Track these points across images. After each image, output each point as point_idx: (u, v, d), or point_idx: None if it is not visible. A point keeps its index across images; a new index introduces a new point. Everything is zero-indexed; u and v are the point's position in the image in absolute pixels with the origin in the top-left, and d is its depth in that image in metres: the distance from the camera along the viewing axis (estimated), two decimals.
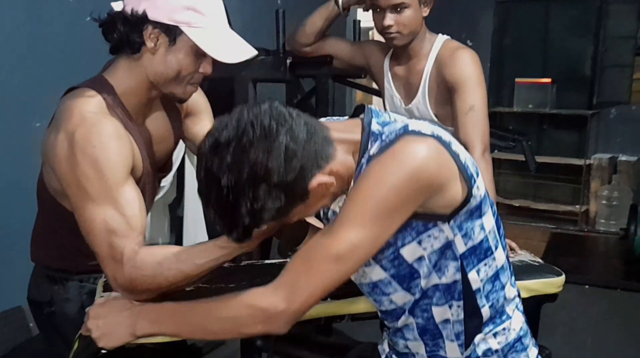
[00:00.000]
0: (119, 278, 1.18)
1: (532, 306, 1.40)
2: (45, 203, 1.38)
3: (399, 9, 1.82)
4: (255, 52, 1.27)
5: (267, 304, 1.02)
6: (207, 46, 1.21)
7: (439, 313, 1.11)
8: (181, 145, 1.71)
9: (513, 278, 1.18)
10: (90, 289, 1.40)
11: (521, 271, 1.46)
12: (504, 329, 1.14)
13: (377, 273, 1.10)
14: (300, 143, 0.97)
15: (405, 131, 1.02)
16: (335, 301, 1.32)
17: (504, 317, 1.14)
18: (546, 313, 1.49)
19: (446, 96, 1.86)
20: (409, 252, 1.06)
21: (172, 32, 1.22)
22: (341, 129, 1.08)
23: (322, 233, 1.04)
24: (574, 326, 3.12)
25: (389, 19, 1.83)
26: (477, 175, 1.05)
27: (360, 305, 1.33)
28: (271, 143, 0.95)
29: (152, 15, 1.20)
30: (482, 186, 1.06)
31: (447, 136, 1.05)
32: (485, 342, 1.13)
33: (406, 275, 1.09)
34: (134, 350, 1.15)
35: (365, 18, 2.30)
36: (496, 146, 4.27)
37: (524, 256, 1.59)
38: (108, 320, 1.13)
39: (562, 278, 1.47)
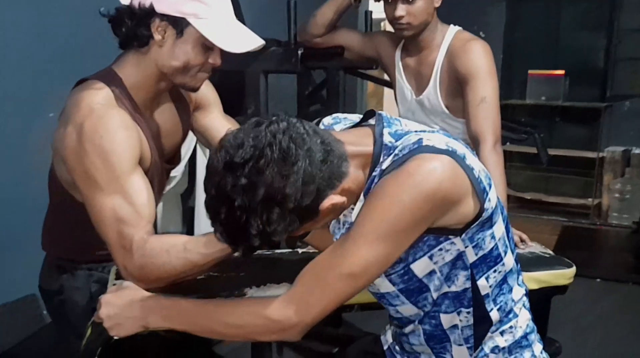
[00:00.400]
0: (128, 266, 1.19)
1: (542, 298, 1.40)
2: (56, 194, 1.40)
3: (410, 0, 1.81)
4: (262, 42, 1.27)
5: (281, 317, 1.03)
6: (214, 37, 1.22)
7: (447, 320, 1.11)
8: (192, 136, 1.72)
9: (520, 277, 1.19)
10: (99, 277, 1.42)
11: (531, 263, 1.46)
12: (511, 327, 1.14)
13: (385, 286, 1.11)
14: (317, 166, 0.96)
15: (419, 147, 1.00)
16: None
17: (510, 315, 1.14)
18: (557, 306, 1.49)
19: (457, 87, 1.86)
20: (420, 267, 1.06)
21: (179, 24, 1.22)
22: (353, 141, 1.06)
23: (334, 248, 1.03)
24: (584, 320, 3.11)
25: (400, 9, 1.82)
26: (490, 187, 1.05)
27: (369, 295, 1.33)
28: (290, 168, 0.93)
29: (158, 8, 1.21)
30: (494, 197, 1.06)
31: (461, 148, 1.04)
32: (492, 340, 1.13)
33: (415, 290, 1.09)
34: (145, 337, 1.16)
35: (377, 9, 2.29)
36: (508, 138, 4.25)
37: (535, 248, 1.59)
38: (120, 311, 1.14)
39: (573, 269, 1.47)
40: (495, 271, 1.09)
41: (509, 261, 1.12)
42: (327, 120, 1.23)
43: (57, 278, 1.46)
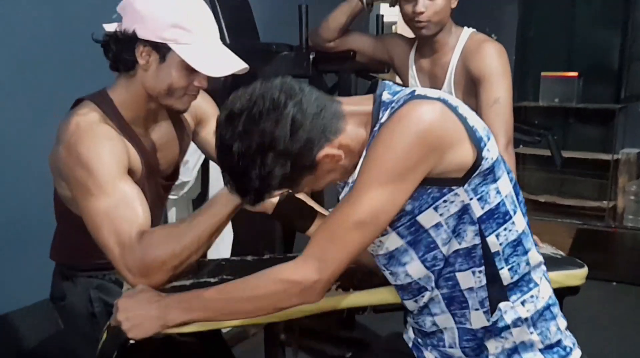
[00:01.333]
0: (129, 262, 1.21)
1: None
2: (57, 208, 1.47)
3: None
4: (244, 66, 1.33)
5: (300, 277, 1.07)
6: (194, 61, 1.27)
7: (464, 279, 1.12)
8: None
9: (537, 247, 1.19)
10: (99, 284, 1.47)
11: None
12: (531, 297, 1.14)
13: (394, 241, 1.13)
14: (309, 116, 1.04)
15: (412, 96, 1.06)
16: (357, 292, 1.33)
17: (531, 285, 1.14)
18: (573, 309, 1.48)
19: (472, 88, 1.86)
20: (426, 219, 1.08)
21: (161, 50, 1.28)
22: (354, 102, 1.14)
23: (341, 203, 1.08)
24: (600, 322, 3.09)
25: (422, 5, 1.83)
26: (489, 139, 1.08)
27: (383, 296, 1.33)
28: (279, 114, 1.02)
29: (141, 34, 1.27)
30: (495, 150, 1.08)
31: (454, 100, 1.08)
32: (513, 310, 1.13)
33: (423, 243, 1.11)
34: (161, 340, 1.17)
35: (388, 12, 2.30)
36: (521, 140, 4.23)
37: (546, 249, 1.58)
38: (138, 312, 1.15)
39: (585, 270, 1.46)
40: (505, 229, 1.10)
41: (520, 221, 1.12)
42: None
43: (60, 285, 1.52)
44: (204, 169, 2.69)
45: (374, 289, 1.33)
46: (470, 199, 1.06)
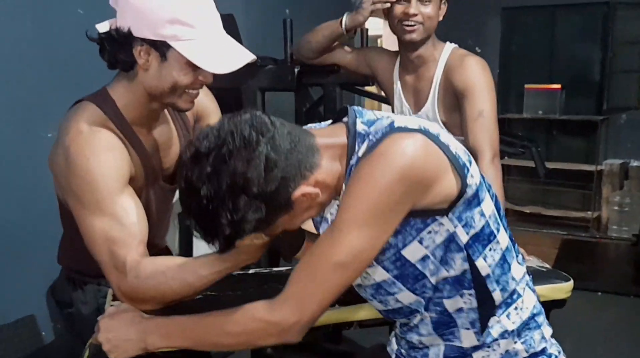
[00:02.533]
0: (122, 287, 1.19)
1: None
2: (61, 210, 1.41)
3: (425, 1, 1.83)
4: (252, 57, 1.25)
5: (278, 318, 1.02)
6: (198, 59, 1.19)
7: (451, 304, 1.10)
8: None
9: (519, 256, 1.17)
10: (106, 293, 1.41)
11: None
12: (515, 308, 1.12)
13: (380, 274, 1.09)
14: (282, 153, 0.97)
15: (391, 129, 1.01)
16: (343, 308, 1.33)
17: (514, 296, 1.13)
18: (557, 319, 1.48)
19: (455, 103, 1.87)
20: (411, 253, 1.05)
21: (160, 48, 1.20)
22: (326, 134, 1.08)
23: (321, 241, 1.03)
24: (585, 333, 3.10)
25: (414, 7, 1.84)
26: (470, 163, 1.03)
27: (369, 311, 1.33)
28: (251, 153, 0.95)
29: (137, 33, 1.18)
30: (477, 173, 1.04)
31: (434, 127, 1.03)
32: (500, 324, 1.11)
33: (410, 275, 1.08)
34: (145, 356, 1.16)
35: (373, 26, 2.30)
36: (506, 152, 4.25)
37: (532, 262, 1.58)
38: (118, 334, 1.13)
39: (570, 283, 1.46)
40: (491, 249, 1.07)
41: (503, 239, 1.10)
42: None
43: (68, 291, 1.46)
44: None
45: (360, 305, 1.33)
46: (455, 226, 1.03)
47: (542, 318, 1.17)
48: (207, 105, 1.53)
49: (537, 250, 1.69)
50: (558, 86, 4.95)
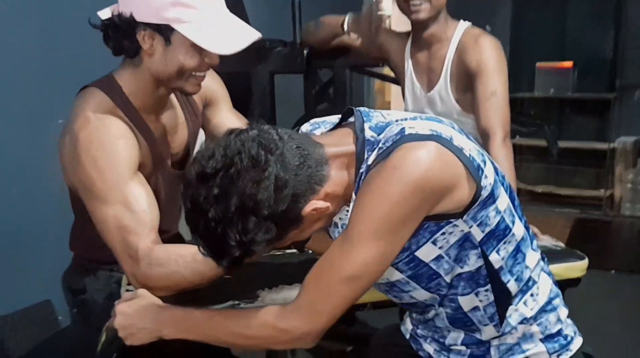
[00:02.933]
0: (136, 274, 1.20)
1: None
2: (71, 196, 1.41)
3: None
4: (258, 35, 1.23)
5: (291, 327, 1.02)
6: (203, 41, 1.18)
7: (466, 302, 1.10)
8: (200, 137, 1.72)
9: (534, 242, 1.16)
10: (118, 278, 1.43)
11: None
12: (532, 295, 1.12)
13: (394, 275, 1.09)
14: (292, 170, 0.95)
15: (402, 136, 0.97)
16: None
17: (530, 283, 1.13)
18: (571, 298, 1.48)
19: (467, 82, 1.85)
20: (425, 253, 1.04)
21: (164, 32, 1.19)
22: (334, 142, 1.04)
23: (333, 251, 1.01)
24: (600, 312, 3.09)
25: None
26: (485, 163, 1.01)
27: (382, 293, 1.33)
28: (260, 174, 0.92)
29: (140, 17, 1.17)
30: (491, 172, 1.02)
31: (446, 130, 1.00)
32: (518, 312, 1.12)
33: (424, 275, 1.07)
34: (160, 343, 1.17)
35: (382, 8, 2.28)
36: (518, 131, 4.24)
37: (546, 241, 1.58)
38: (134, 322, 1.14)
39: (585, 262, 1.45)
40: (505, 242, 1.06)
41: (519, 230, 1.09)
42: (305, 127, 1.20)
43: (80, 278, 1.47)
44: None
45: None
46: (470, 227, 1.01)
47: (558, 301, 1.17)
48: (216, 90, 1.53)
49: (549, 230, 1.67)
50: (570, 63, 4.88)
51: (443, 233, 1.01)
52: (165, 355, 1.25)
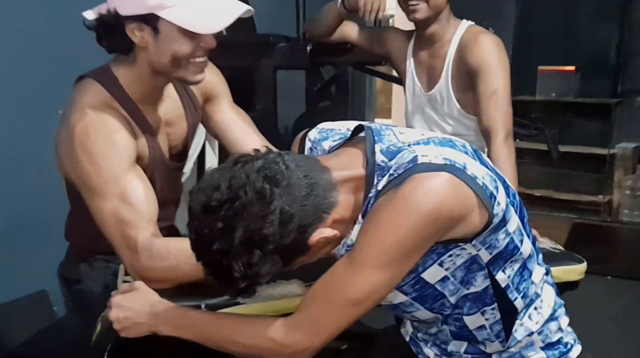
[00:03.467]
0: (136, 267, 1.20)
1: None
2: (67, 187, 1.41)
3: None
4: (246, 7, 1.20)
5: (290, 342, 1.02)
6: (189, 23, 1.15)
7: (472, 321, 1.09)
8: (201, 132, 1.71)
9: (540, 256, 1.16)
10: (115, 270, 1.42)
11: None
12: (535, 308, 1.12)
13: (398, 297, 1.09)
14: (298, 202, 0.94)
15: (414, 166, 0.95)
16: None
17: (533, 297, 1.13)
18: (569, 303, 1.48)
19: (468, 81, 1.85)
20: (431, 275, 1.03)
21: (150, 21, 1.17)
22: (342, 166, 1.03)
23: (338, 271, 1.00)
24: (597, 317, 3.08)
25: None
26: (497, 190, 1.00)
27: None
28: (265, 209, 0.91)
29: (124, 11, 1.16)
30: (503, 197, 1.00)
31: (460, 157, 0.98)
32: (523, 327, 1.12)
33: (429, 296, 1.06)
34: (155, 336, 1.16)
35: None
36: (518, 134, 4.21)
37: (545, 243, 1.58)
38: (129, 316, 1.13)
39: (584, 265, 1.45)
40: (512, 261, 1.06)
41: (526, 248, 1.08)
42: (313, 134, 1.19)
43: (76, 268, 1.47)
44: (200, 161, 2.68)
45: None
46: (479, 250, 1.01)
47: (560, 311, 1.18)
48: (217, 86, 1.52)
49: (547, 233, 1.67)
50: (572, 67, 4.87)
51: (450, 255, 1.01)
52: (160, 347, 1.24)
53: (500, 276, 1.05)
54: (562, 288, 1.44)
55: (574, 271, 1.44)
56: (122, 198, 1.19)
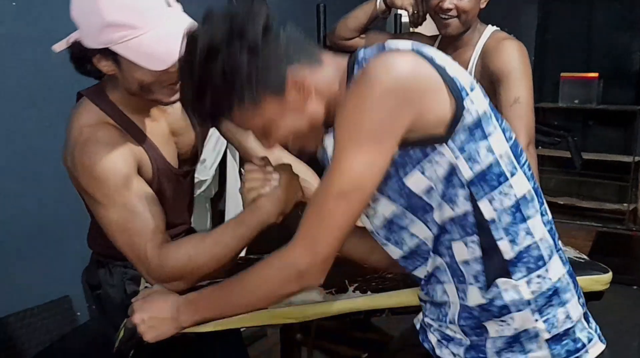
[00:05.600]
0: (150, 273, 1.23)
1: None
2: (83, 199, 1.44)
3: None
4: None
5: (294, 260, 1.00)
6: (141, 58, 1.15)
7: (458, 250, 1.03)
8: (222, 140, 1.71)
9: (546, 216, 1.08)
10: (133, 275, 1.45)
11: None
12: (538, 276, 1.03)
13: (387, 206, 1.06)
14: (286, 32, 1.01)
15: (380, 50, 0.99)
16: (376, 295, 1.32)
17: (539, 263, 1.03)
18: (593, 313, 1.45)
19: (490, 87, 1.82)
20: (414, 182, 1.01)
21: (109, 54, 1.18)
22: (335, 59, 1.08)
23: (324, 175, 1.00)
24: (621, 327, 3.04)
25: (449, 2, 1.81)
26: (472, 90, 0.98)
27: (400, 298, 1.32)
28: (255, 14, 0.99)
29: (86, 44, 1.19)
30: (482, 104, 0.99)
31: (431, 50, 1.00)
32: (515, 289, 1.02)
33: (419, 206, 1.03)
34: (178, 339, 1.17)
35: (405, 13, 2.28)
36: (541, 142, 4.18)
37: (569, 252, 1.55)
38: (153, 314, 1.15)
39: (609, 275, 1.42)
40: (501, 193, 1.00)
41: (520, 185, 1.01)
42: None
43: (97, 273, 1.50)
44: (222, 168, 2.69)
45: (391, 292, 1.32)
46: (457, 158, 0.97)
47: (569, 296, 1.07)
48: None
49: (571, 242, 1.65)
50: (595, 74, 4.82)
51: (430, 161, 0.98)
52: (180, 352, 1.25)
53: (485, 206, 0.99)
54: (586, 298, 1.42)
55: (599, 281, 1.42)
56: (126, 209, 1.23)
